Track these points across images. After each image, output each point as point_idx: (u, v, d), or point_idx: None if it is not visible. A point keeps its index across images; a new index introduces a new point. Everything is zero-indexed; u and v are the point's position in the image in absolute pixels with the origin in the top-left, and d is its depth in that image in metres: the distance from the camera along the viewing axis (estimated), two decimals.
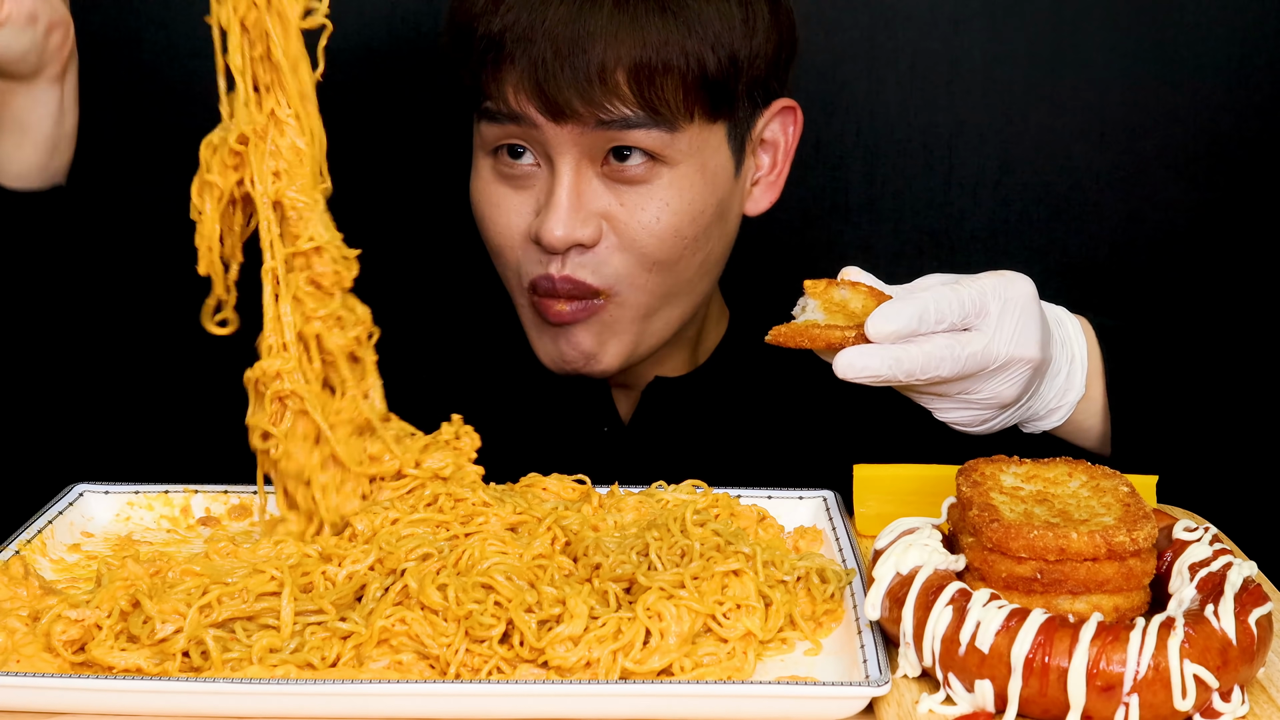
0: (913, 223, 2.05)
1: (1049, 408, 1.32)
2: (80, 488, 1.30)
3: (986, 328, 1.21)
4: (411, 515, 1.18)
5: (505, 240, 1.50)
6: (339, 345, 1.21)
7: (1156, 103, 2.01)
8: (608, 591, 1.10)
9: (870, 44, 1.99)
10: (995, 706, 0.99)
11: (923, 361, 1.18)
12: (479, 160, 1.52)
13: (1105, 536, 1.03)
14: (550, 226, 1.44)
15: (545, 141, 1.45)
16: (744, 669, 1.05)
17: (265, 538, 1.19)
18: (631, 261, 1.47)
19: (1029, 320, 1.23)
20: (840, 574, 1.14)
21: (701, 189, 1.49)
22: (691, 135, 1.46)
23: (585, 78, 1.40)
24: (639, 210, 1.46)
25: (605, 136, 1.44)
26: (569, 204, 1.45)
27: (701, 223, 1.50)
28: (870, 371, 1.17)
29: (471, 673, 1.03)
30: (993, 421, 1.29)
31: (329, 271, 1.22)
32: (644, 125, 1.43)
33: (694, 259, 1.51)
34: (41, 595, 1.10)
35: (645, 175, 1.46)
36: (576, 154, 1.45)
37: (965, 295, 1.21)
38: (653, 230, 1.47)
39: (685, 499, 1.25)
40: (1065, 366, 1.32)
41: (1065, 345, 1.32)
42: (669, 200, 1.47)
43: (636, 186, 1.46)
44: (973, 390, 1.24)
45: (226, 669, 1.02)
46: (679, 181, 1.47)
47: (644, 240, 1.47)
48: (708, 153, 1.48)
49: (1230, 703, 0.98)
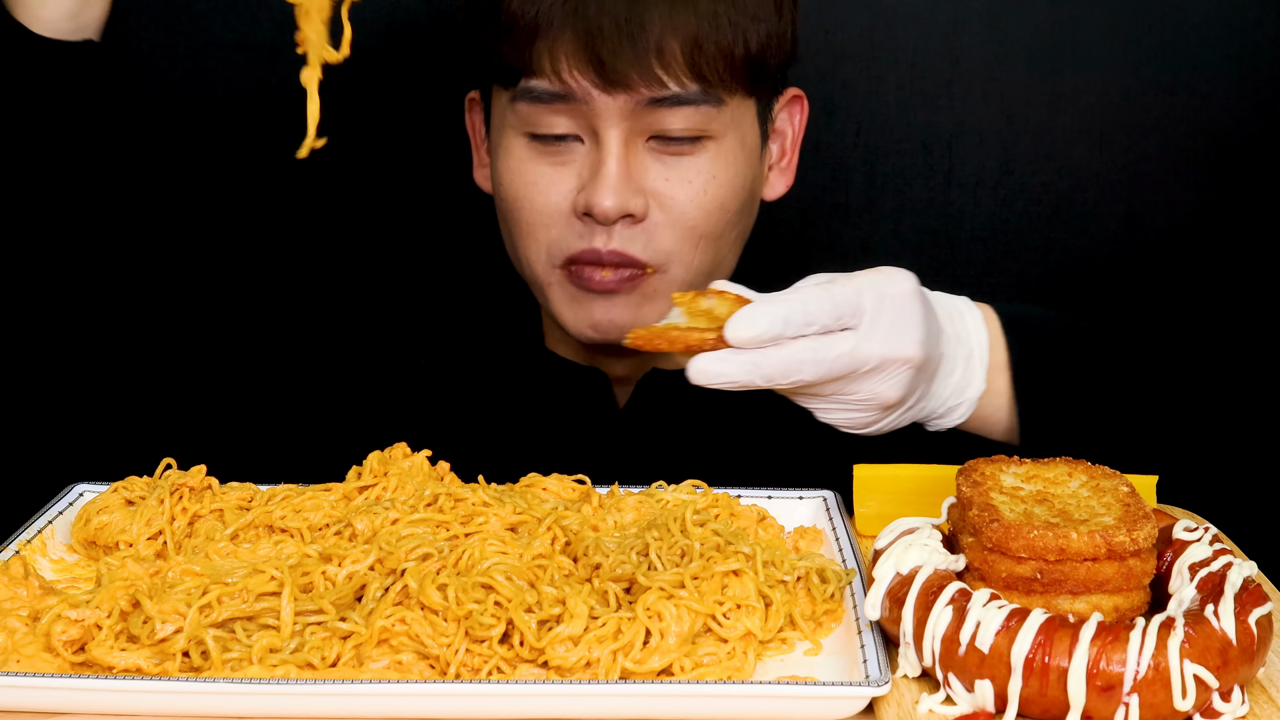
0: (913, 223, 2.05)
1: (947, 406, 1.30)
2: (80, 488, 1.30)
3: (861, 327, 1.17)
4: (411, 515, 1.18)
5: (542, 217, 1.50)
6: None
7: (1156, 103, 2.01)
8: (608, 591, 1.10)
9: (870, 44, 1.99)
10: (995, 706, 0.99)
11: (783, 366, 1.15)
12: (509, 140, 1.51)
13: (1105, 536, 1.03)
14: (601, 197, 1.44)
15: (593, 115, 1.45)
16: (744, 669, 1.05)
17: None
18: (679, 236, 1.49)
19: (907, 318, 1.19)
20: (840, 574, 1.14)
21: (742, 163, 1.52)
22: (732, 109, 1.49)
23: (643, 48, 1.42)
24: (686, 184, 1.48)
25: (653, 113, 1.45)
26: (619, 173, 1.45)
27: (742, 196, 1.53)
28: (725, 378, 1.15)
29: (471, 673, 1.03)
30: (881, 423, 1.25)
31: None
32: (694, 100, 1.45)
33: (732, 233, 1.54)
34: (41, 595, 1.10)
35: (692, 149, 1.48)
36: (625, 127, 1.45)
37: (839, 295, 1.17)
38: (701, 203, 1.48)
39: (685, 499, 1.25)
40: (961, 364, 1.29)
41: (962, 340, 1.30)
42: (716, 173, 1.49)
43: (683, 159, 1.48)
44: (848, 391, 1.20)
45: (226, 669, 1.02)
46: (724, 155, 1.49)
47: (692, 213, 1.48)
48: (745, 127, 1.52)
49: (1230, 703, 0.98)
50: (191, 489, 1.23)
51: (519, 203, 1.51)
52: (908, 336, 1.19)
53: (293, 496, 1.22)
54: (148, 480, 1.26)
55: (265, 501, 1.22)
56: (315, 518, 1.20)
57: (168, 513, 1.21)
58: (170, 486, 1.22)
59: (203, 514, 1.22)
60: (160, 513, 1.21)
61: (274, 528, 1.20)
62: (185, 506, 1.22)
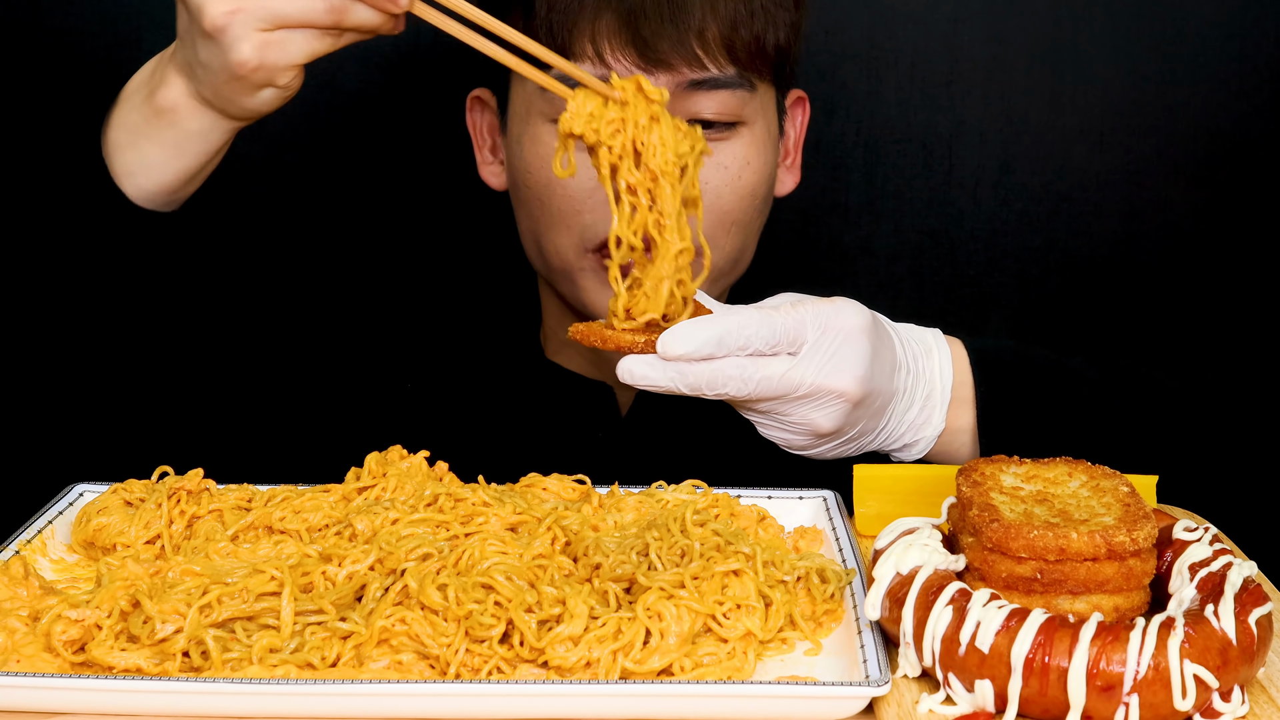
0: (913, 223, 2.05)
1: (903, 441, 1.33)
2: (80, 488, 1.29)
3: (799, 355, 1.21)
4: (411, 515, 1.18)
5: (574, 202, 1.49)
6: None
7: (1156, 103, 2.01)
8: (608, 591, 1.10)
9: (870, 44, 1.99)
10: (995, 706, 0.99)
11: (708, 379, 1.19)
12: (536, 128, 1.51)
13: (1105, 536, 1.03)
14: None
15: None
16: (744, 669, 1.05)
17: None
18: (714, 222, 1.50)
19: (848, 353, 1.22)
20: (840, 574, 1.14)
21: (770, 150, 1.55)
22: (761, 96, 1.52)
23: (684, 30, 1.44)
24: (722, 169, 1.50)
25: (690, 97, 1.46)
26: None
27: (770, 184, 1.55)
28: (649, 382, 1.20)
29: (471, 673, 1.03)
30: (820, 448, 1.29)
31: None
32: (730, 84, 1.47)
33: (757, 222, 1.56)
34: (41, 595, 1.10)
35: (727, 135, 1.50)
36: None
37: (779, 322, 1.20)
38: (736, 189, 1.50)
39: (685, 499, 1.25)
40: (920, 400, 1.32)
41: (922, 377, 1.32)
42: (750, 159, 1.51)
43: (719, 145, 1.49)
44: (783, 412, 1.24)
45: (226, 669, 1.02)
46: (756, 142, 1.52)
47: (727, 198, 1.50)
48: (770, 116, 1.55)
49: (1230, 703, 0.98)
50: (189, 492, 1.22)
51: (551, 189, 1.50)
52: (845, 371, 1.22)
53: (292, 498, 1.22)
54: (146, 483, 1.26)
55: (265, 502, 1.22)
56: (315, 519, 1.20)
57: (165, 516, 1.21)
58: (168, 490, 1.22)
59: (201, 515, 1.22)
60: (158, 516, 1.21)
61: (274, 529, 1.20)
62: (183, 510, 1.22)
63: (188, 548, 1.18)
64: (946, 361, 1.34)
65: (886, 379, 1.27)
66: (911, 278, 2.07)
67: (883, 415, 1.30)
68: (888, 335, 1.30)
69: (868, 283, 2.07)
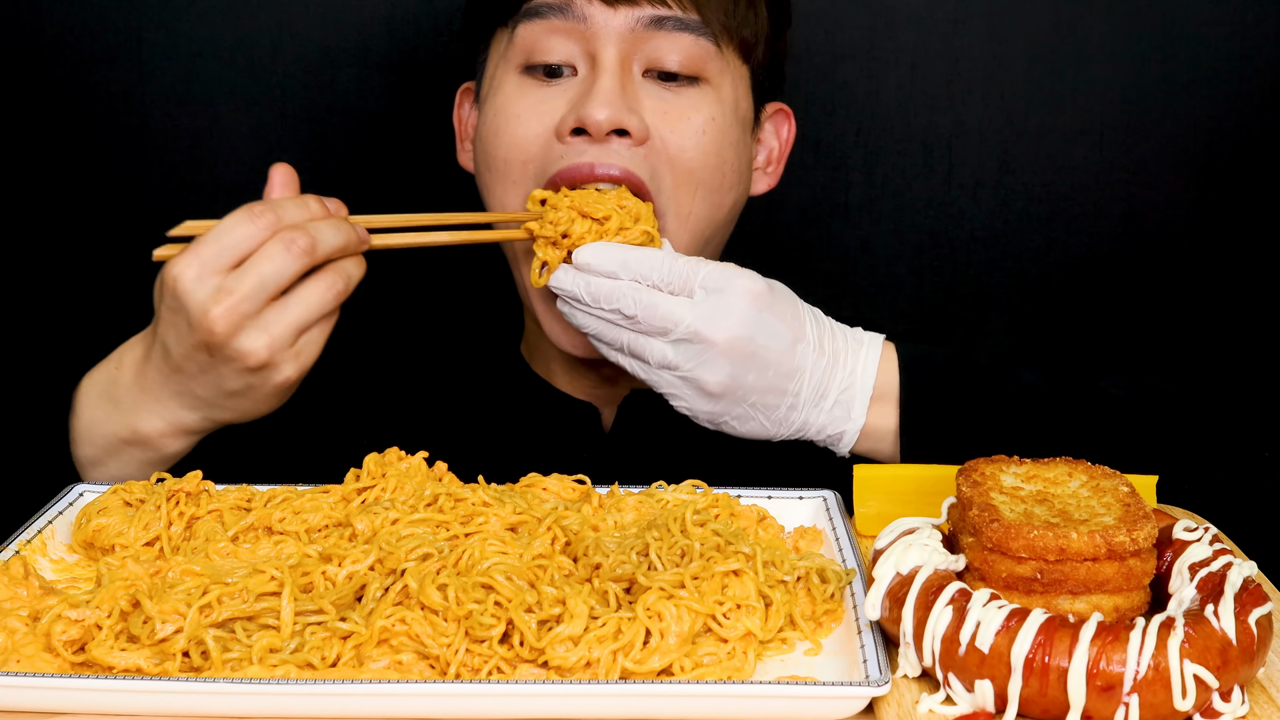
0: (913, 223, 2.05)
1: (825, 432, 1.37)
2: (80, 488, 1.29)
3: (690, 298, 1.32)
4: (411, 515, 1.18)
5: (527, 149, 1.47)
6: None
7: (1156, 103, 2.01)
8: (608, 591, 1.10)
9: (870, 44, 1.99)
10: (995, 706, 0.99)
11: (607, 293, 1.32)
12: (501, 78, 1.50)
13: (1105, 536, 1.03)
14: (594, 109, 1.42)
15: (591, 35, 1.45)
16: (744, 669, 1.05)
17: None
18: (679, 179, 1.47)
19: (729, 307, 1.31)
20: (840, 574, 1.14)
21: (735, 118, 1.52)
22: (728, 62, 1.50)
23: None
24: (684, 119, 1.47)
25: (651, 38, 1.45)
26: (613, 88, 1.44)
27: (737, 151, 1.52)
28: (561, 286, 1.36)
29: (471, 673, 1.03)
30: (721, 413, 1.35)
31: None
32: (692, 28, 1.46)
33: (728, 197, 1.52)
34: (41, 595, 1.10)
35: (689, 87, 1.48)
36: (623, 49, 1.45)
37: (678, 265, 1.33)
38: (700, 143, 1.48)
39: (685, 499, 1.25)
40: (835, 391, 1.35)
41: (841, 369, 1.35)
42: (714, 116, 1.49)
43: (681, 94, 1.48)
44: (674, 366, 1.32)
45: (226, 669, 1.02)
46: (721, 102, 1.49)
47: (691, 152, 1.47)
48: (739, 92, 1.52)
49: (1230, 703, 0.98)
50: (188, 494, 1.22)
51: (500, 138, 1.48)
52: (719, 324, 1.31)
53: (292, 498, 1.22)
54: (146, 484, 1.25)
55: (264, 503, 1.22)
56: (314, 519, 1.20)
57: (164, 518, 1.21)
58: (166, 492, 1.22)
59: (200, 516, 1.22)
60: (157, 518, 1.21)
61: (273, 530, 1.20)
62: (181, 511, 1.21)
63: (187, 548, 1.18)
64: (873, 359, 1.37)
65: (781, 350, 1.32)
66: (911, 278, 2.07)
67: (783, 391, 1.34)
68: (790, 309, 1.35)
69: (868, 283, 2.07)
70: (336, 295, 1.30)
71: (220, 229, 1.27)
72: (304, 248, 1.27)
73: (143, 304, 1.35)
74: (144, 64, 1.97)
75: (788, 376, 1.33)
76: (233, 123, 1.99)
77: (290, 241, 1.26)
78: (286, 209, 1.29)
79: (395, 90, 1.99)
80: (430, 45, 1.97)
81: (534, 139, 1.46)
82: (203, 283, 1.25)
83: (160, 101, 1.98)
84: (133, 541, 1.20)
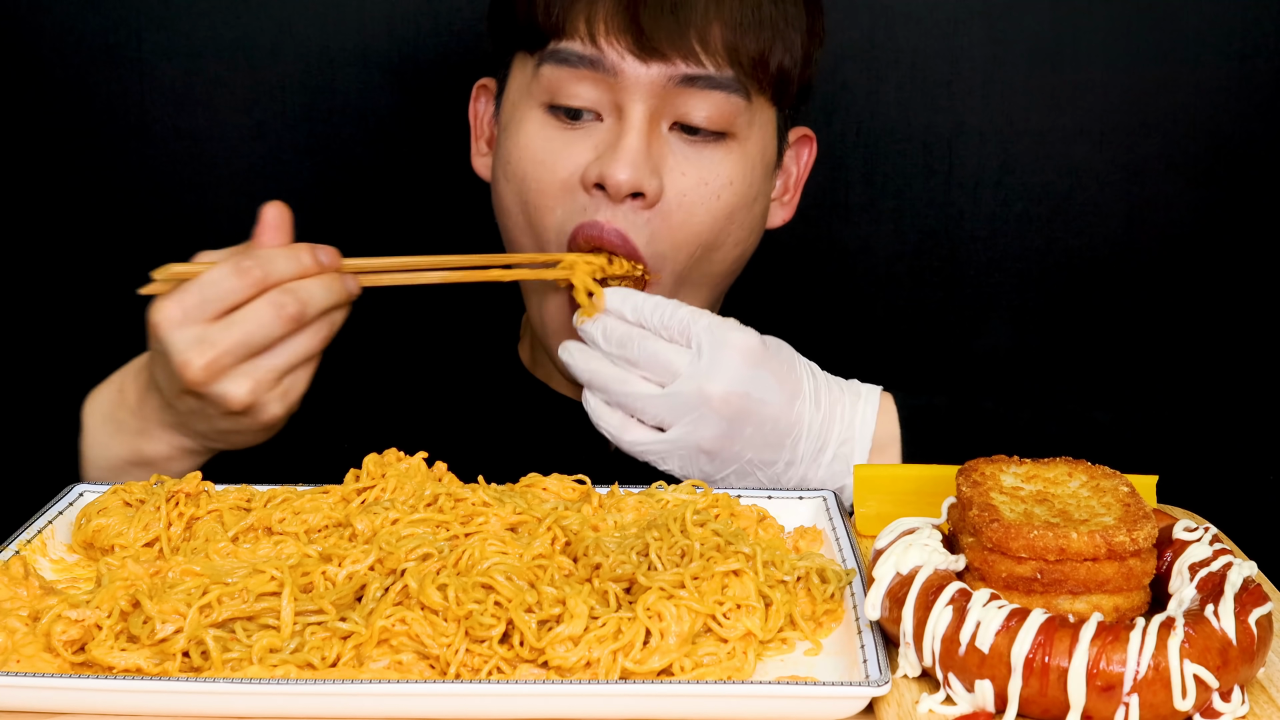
0: (913, 223, 2.05)
1: (827, 487, 1.34)
2: (80, 488, 1.29)
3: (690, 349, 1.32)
4: (411, 515, 1.18)
5: (549, 195, 1.45)
6: None
7: (1156, 103, 2.01)
8: (608, 591, 1.10)
9: (870, 44, 1.99)
10: (995, 706, 0.99)
11: (620, 335, 1.34)
12: (524, 112, 1.47)
13: (1105, 536, 1.03)
14: (617, 168, 1.40)
15: (620, 88, 1.42)
16: (744, 669, 1.05)
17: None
18: (681, 240, 1.45)
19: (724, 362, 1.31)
20: (840, 574, 1.14)
21: (759, 173, 1.50)
22: (757, 112, 1.47)
23: (685, 21, 1.40)
24: (702, 184, 1.45)
25: (681, 94, 1.42)
26: (640, 147, 1.42)
27: (753, 211, 1.50)
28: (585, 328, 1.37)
29: (471, 673, 1.03)
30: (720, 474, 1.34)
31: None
32: (725, 86, 1.43)
33: (731, 253, 1.51)
34: (41, 595, 1.10)
35: (714, 143, 1.45)
36: (652, 104, 1.42)
37: (680, 313, 1.33)
38: (712, 208, 1.45)
39: (685, 499, 1.25)
40: (834, 445, 1.34)
41: (839, 422, 1.34)
42: (733, 179, 1.46)
43: (704, 152, 1.45)
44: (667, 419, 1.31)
45: (226, 669, 1.02)
46: (745, 160, 1.47)
47: (701, 216, 1.45)
48: (766, 137, 1.50)
49: (1230, 703, 0.98)
50: (187, 494, 1.22)
51: (526, 180, 1.46)
52: (715, 379, 1.30)
53: (292, 499, 1.22)
54: (146, 484, 1.26)
55: (264, 503, 1.22)
56: (314, 520, 1.20)
57: (164, 518, 1.21)
58: (166, 493, 1.22)
59: (199, 516, 1.22)
60: (157, 518, 1.21)
61: (273, 530, 1.20)
62: (181, 512, 1.21)
63: (187, 549, 1.18)
64: (871, 412, 1.36)
65: (779, 406, 1.31)
66: (911, 278, 2.07)
67: (780, 447, 1.33)
68: (787, 364, 1.34)
69: (868, 283, 2.07)
70: (322, 341, 1.31)
71: (207, 280, 1.27)
72: (293, 315, 1.27)
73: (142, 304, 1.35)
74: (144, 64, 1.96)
75: (784, 433, 1.32)
76: (233, 123, 1.98)
77: (280, 306, 1.27)
78: (276, 263, 1.28)
79: (395, 90, 1.98)
80: (431, 45, 1.97)
81: (559, 185, 1.45)
82: (185, 331, 1.26)
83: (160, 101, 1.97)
84: (132, 542, 1.20)
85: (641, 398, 1.33)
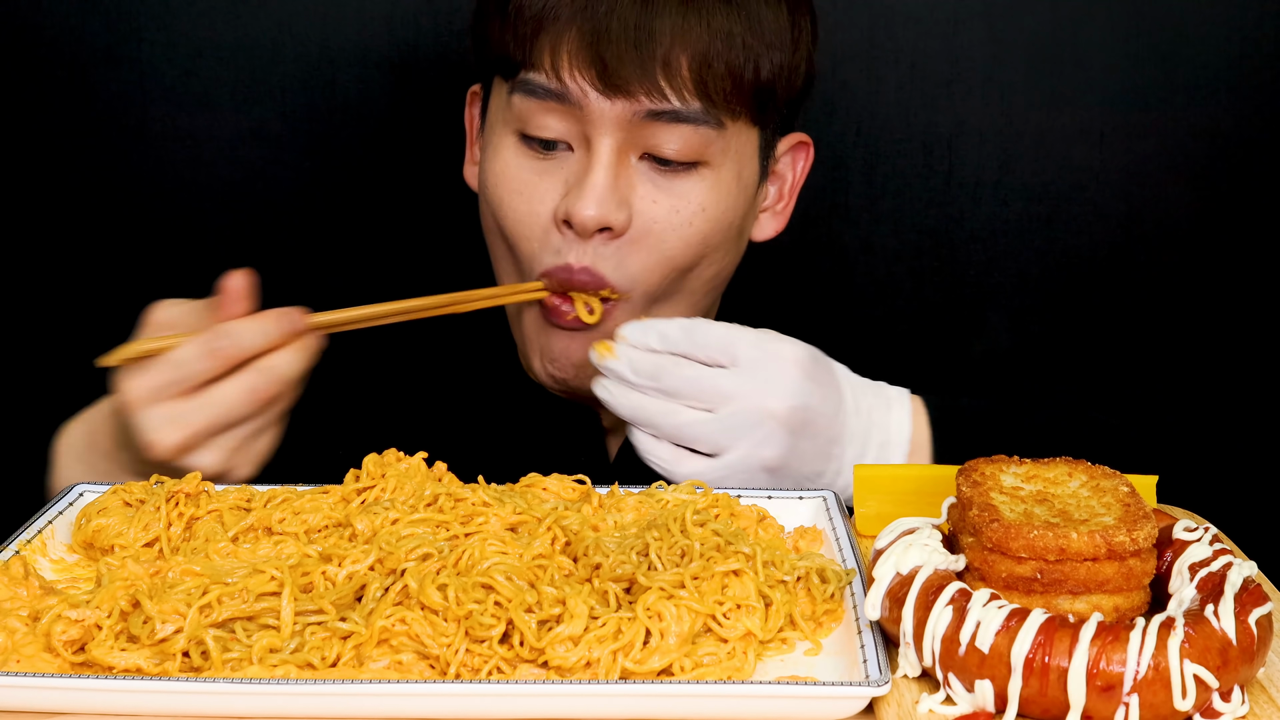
0: (913, 223, 2.05)
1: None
2: (80, 488, 1.29)
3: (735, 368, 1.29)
4: (411, 515, 1.18)
5: (525, 229, 1.45)
6: None
7: (1156, 103, 2.01)
8: (608, 591, 1.10)
9: (870, 44, 1.99)
10: (995, 706, 0.99)
11: (650, 367, 1.29)
12: (500, 137, 1.47)
13: (1105, 536, 1.03)
14: (583, 205, 1.39)
15: (587, 120, 1.40)
16: (744, 669, 1.05)
17: None
18: (653, 264, 1.44)
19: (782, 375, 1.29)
20: (840, 574, 1.14)
21: (736, 196, 1.47)
22: (733, 136, 1.44)
23: (649, 57, 1.37)
24: (674, 212, 1.43)
25: (649, 128, 1.40)
26: (606, 183, 1.40)
27: (729, 233, 1.48)
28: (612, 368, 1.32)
29: (471, 673, 1.03)
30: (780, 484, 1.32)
31: None
32: (694, 119, 1.40)
33: (709, 270, 1.49)
34: (41, 595, 1.10)
35: (685, 173, 1.43)
36: (619, 138, 1.41)
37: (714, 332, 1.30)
38: (684, 235, 1.44)
39: (685, 499, 1.25)
40: (874, 450, 1.34)
41: (877, 429, 1.34)
42: (706, 205, 1.44)
43: (675, 182, 1.43)
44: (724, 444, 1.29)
45: (226, 669, 1.02)
46: (719, 186, 1.45)
47: (672, 243, 1.44)
48: (744, 159, 1.47)
49: (1230, 703, 0.98)
50: (187, 494, 1.22)
51: (502, 210, 1.46)
52: (776, 393, 1.28)
53: (291, 499, 1.22)
54: (145, 485, 1.26)
55: (264, 503, 1.22)
56: (314, 520, 1.20)
57: (164, 519, 1.21)
58: (166, 493, 1.22)
59: (199, 516, 1.22)
60: (157, 519, 1.21)
61: (273, 530, 1.20)
62: (181, 512, 1.22)
63: (187, 549, 1.18)
64: (905, 416, 1.35)
65: (830, 416, 1.30)
66: (911, 278, 2.07)
67: (829, 457, 1.32)
68: (829, 373, 1.33)
69: (867, 283, 2.07)
70: (289, 404, 1.32)
71: (177, 358, 1.27)
72: (265, 398, 1.28)
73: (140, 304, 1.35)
74: (144, 64, 1.97)
75: (833, 441, 1.32)
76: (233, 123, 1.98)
77: (253, 390, 1.28)
78: (244, 339, 1.28)
79: (395, 90, 1.98)
80: (430, 45, 1.97)
81: (535, 219, 1.44)
82: (155, 410, 1.27)
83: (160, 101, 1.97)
84: (132, 542, 1.20)
85: (693, 425, 1.30)
